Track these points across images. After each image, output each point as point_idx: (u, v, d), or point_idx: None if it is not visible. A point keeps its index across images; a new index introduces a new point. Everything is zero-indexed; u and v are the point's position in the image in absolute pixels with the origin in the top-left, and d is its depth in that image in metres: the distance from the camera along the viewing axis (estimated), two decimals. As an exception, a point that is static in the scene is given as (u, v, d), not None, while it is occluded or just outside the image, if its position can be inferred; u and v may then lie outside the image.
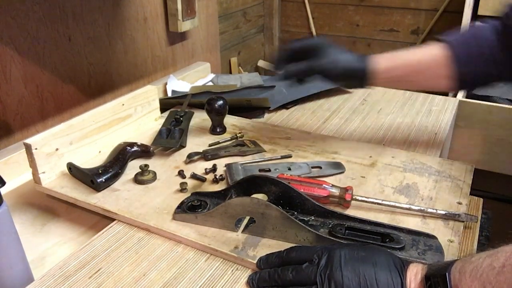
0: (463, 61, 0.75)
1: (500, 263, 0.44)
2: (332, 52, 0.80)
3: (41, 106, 0.96)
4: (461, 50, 0.76)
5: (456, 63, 0.75)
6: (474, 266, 0.46)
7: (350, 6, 2.26)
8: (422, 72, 0.79)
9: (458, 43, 0.76)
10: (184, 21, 1.27)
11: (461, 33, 0.78)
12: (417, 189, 0.75)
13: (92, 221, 0.74)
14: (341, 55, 0.80)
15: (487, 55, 0.74)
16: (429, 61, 0.78)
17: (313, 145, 0.90)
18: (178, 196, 0.73)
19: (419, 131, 1.01)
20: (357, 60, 0.80)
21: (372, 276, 0.50)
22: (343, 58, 0.80)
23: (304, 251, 0.57)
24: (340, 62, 0.80)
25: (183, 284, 0.58)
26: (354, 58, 0.81)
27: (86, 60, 1.05)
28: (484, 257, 0.46)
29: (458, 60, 0.75)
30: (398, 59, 0.80)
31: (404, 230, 0.63)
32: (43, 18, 0.93)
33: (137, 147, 0.84)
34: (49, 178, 0.77)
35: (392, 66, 0.79)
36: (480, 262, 0.46)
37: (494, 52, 0.74)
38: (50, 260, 0.66)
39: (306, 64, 0.80)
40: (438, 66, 0.77)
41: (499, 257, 0.45)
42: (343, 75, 0.81)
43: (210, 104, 0.92)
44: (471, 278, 0.46)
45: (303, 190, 0.68)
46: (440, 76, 0.78)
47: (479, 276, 0.45)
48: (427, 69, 0.78)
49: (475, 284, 0.45)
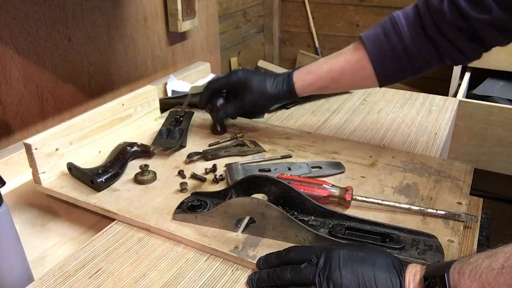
0: (377, 60, 0.78)
1: (499, 264, 0.44)
2: (256, 84, 0.85)
3: (41, 106, 0.96)
4: (374, 49, 0.78)
5: (372, 63, 0.78)
6: (473, 267, 0.46)
7: (350, 6, 2.26)
8: (346, 77, 0.82)
9: (371, 42, 0.78)
10: (184, 21, 1.26)
11: (376, 28, 0.79)
12: (417, 189, 0.75)
13: (92, 221, 0.74)
14: (266, 84, 0.85)
15: (398, 50, 0.76)
16: (350, 66, 0.80)
17: (313, 145, 0.90)
18: (178, 196, 0.73)
19: (419, 131, 1.01)
20: (282, 83, 0.85)
21: (371, 277, 0.50)
22: (269, 87, 0.85)
23: (303, 251, 0.57)
24: (267, 93, 0.85)
25: (183, 284, 0.58)
26: (279, 83, 0.85)
27: (86, 60, 1.05)
28: (483, 258, 0.46)
29: (373, 60, 0.78)
30: (320, 70, 0.83)
31: (404, 230, 0.63)
32: (43, 18, 0.93)
33: (137, 147, 0.84)
34: (49, 178, 0.77)
35: (316, 79, 0.83)
36: (479, 263, 0.46)
37: (406, 44, 0.75)
38: (50, 260, 0.66)
39: (236, 104, 0.89)
40: (359, 69, 0.80)
41: (498, 258, 0.45)
42: (272, 103, 0.91)
43: (212, 102, 0.92)
44: (470, 279, 0.45)
45: (303, 190, 0.68)
46: (363, 78, 0.81)
47: (478, 277, 0.45)
48: (350, 74, 0.81)
49: (474, 285, 0.45)
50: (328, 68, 0.82)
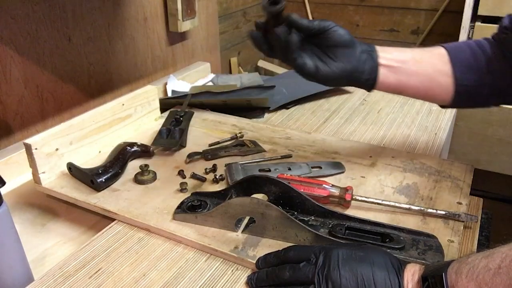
0: (457, 65, 0.73)
1: (496, 265, 0.44)
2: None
3: (41, 106, 0.96)
4: (456, 54, 0.74)
5: (452, 67, 0.73)
6: (470, 267, 0.46)
7: (350, 6, 2.25)
8: (426, 63, 0.73)
9: (452, 48, 0.74)
10: (184, 21, 1.27)
11: (456, 43, 0.76)
12: (417, 189, 0.75)
13: (92, 221, 0.74)
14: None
15: (480, 61, 0.72)
16: (430, 54, 0.74)
17: (313, 145, 0.90)
18: (178, 196, 0.73)
19: (419, 131, 1.01)
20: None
21: (369, 276, 0.50)
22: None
23: (301, 250, 0.57)
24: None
25: (183, 284, 0.58)
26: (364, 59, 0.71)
27: (86, 60, 1.05)
28: (480, 258, 0.46)
29: (453, 63, 0.73)
30: (403, 52, 0.74)
31: (404, 230, 0.63)
32: (43, 18, 0.93)
33: (137, 147, 0.84)
34: (49, 178, 0.77)
35: (399, 51, 0.73)
36: (476, 263, 0.46)
37: (489, 56, 0.72)
38: (50, 260, 0.66)
39: (332, 65, 0.68)
40: (438, 63, 0.73)
41: (495, 258, 0.45)
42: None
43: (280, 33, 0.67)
44: (467, 279, 0.46)
45: (303, 190, 0.68)
46: (440, 73, 0.73)
47: (475, 277, 0.45)
48: (430, 63, 0.73)
49: (471, 285, 0.45)
50: (410, 52, 0.74)
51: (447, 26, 2.08)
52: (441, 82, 0.73)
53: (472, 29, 1.78)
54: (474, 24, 1.76)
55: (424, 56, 0.74)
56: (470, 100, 0.74)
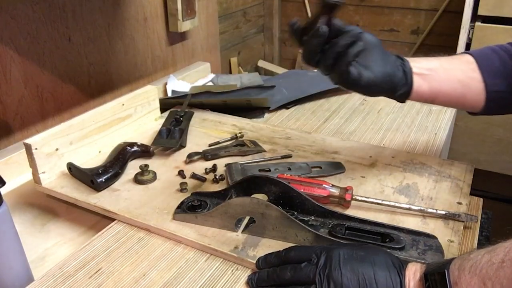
0: (486, 71, 0.71)
1: (499, 259, 0.44)
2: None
3: (41, 106, 0.96)
4: (483, 61, 0.71)
5: (481, 73, 0.71)
6: (473, 263, 0.46)
7: (350, 6, 2.26)
8: (456, 69, 0.72)
9: (478, 55, 0.72)
10: (184, 21, 1.27)
11: (480, 49, 0.74)
12: (417, 189, 0.75)
13: (92, 221, 0.74)
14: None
15: (509, 66, 0.70)
16: (459, 61, 0.73)
17: (313, 145, 0.90)
18: (178, 196, 0.73)
19: (419, 131, 1.01)
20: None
21: (371, 276, 0.51)
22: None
23: (302, 250, 0.57)
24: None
25: (183, 284, 0.58)
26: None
27: (86, 60, 1.05)
28: (483, 254, 0.47)
29: (482, 70, 0.71)
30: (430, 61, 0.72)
31: (404, 230, 0.63)
32: (43, 18, 0.93)
33: (137, 147, 0.84)
34: (49, 178, 0.77)
35: (426, 61, 0.72)
36: (479, 259, 0.46)
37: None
38: (50, 260, 0.66)
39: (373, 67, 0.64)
40: (468, 70, 0.71)
41: (498, 252, 0.45)
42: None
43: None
44: (471, 275, 0.46)
45: (303, 190, 0.68)
46: (470, 78, 0.71)
47: (478, 272, 0.45)
48: (460, 69, 0.72)
49: (475, 280, 0.45)
50: (437, 60, 0.72)
51: (447, 26, 2.09)
52: (473, 88, 0.71)
53: (472, 29, 1.78)
54: (474, 24, 1.76)
55: (453, 63, 0.72)
56: (501, 106, 0.73)
